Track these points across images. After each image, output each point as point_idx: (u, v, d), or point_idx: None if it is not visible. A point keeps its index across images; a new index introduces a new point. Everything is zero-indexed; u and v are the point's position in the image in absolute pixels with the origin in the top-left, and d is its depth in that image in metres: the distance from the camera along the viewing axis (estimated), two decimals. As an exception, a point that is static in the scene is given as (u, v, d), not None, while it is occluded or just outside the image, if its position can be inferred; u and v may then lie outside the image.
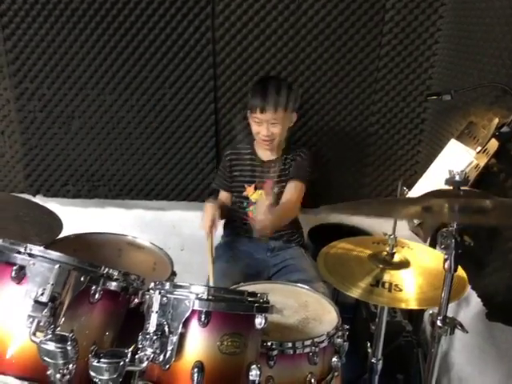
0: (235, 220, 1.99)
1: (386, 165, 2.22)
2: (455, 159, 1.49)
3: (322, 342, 1.21)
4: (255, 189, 1.90)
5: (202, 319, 0.93)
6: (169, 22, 2.02)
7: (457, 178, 0.81)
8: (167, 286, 0.97)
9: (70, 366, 0.88)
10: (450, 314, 1.73)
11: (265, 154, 1.91)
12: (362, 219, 2.23)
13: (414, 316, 1.89)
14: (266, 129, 1.78)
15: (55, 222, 1.53)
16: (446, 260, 0.91)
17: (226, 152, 1.98)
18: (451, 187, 0.83)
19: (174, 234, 2.38)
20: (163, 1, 1.98)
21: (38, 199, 2.26)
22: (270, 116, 1.75)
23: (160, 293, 0.94)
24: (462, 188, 0.85)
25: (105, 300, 1.04)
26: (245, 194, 1.92)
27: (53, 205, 2.21)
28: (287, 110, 1.78)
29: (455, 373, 1.78)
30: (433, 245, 1.48)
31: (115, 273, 1.05)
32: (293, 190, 1.84)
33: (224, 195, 1.99)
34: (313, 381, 1.18)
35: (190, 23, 2.02)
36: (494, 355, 1.52)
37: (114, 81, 2.11)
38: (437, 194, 0.92)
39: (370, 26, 2.02)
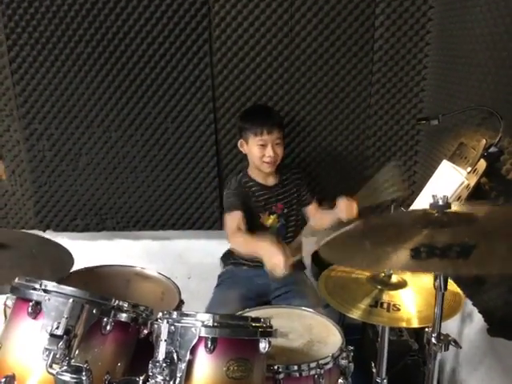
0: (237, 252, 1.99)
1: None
2: (447, 179, 1.55)
3: (327, 363, 1.24)
4: (269, 215, 1.95)
5: (209, 345, 0.98)
6: (169, 61, 2.12)
7: (440, 202, 0.87)
8: (174, 315, 1.02)
9: (85, 395, 0.93)
10: (453, 330, 1.78)
11: (266, 181, 1.96)
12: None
13: (420, 335, 1.91)
14: (272, 150, 1.82)
15: (67, 257, 1.59)
16: (435, 279, 0.96)
17: (232, 187, 1.93)
18: (435, 211, 0.89)
19: (181, 263, 2.43)
20: (163, 42, 2.09)
21: (48, 234, 2.33)
22: (275, 135, 1.82)
23: (168, 322, 1.00)
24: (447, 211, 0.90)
25: (116, 331, 1.09)
26: (260, 221, 1.94)
27: (63, 239, 2.26)
28: (283, 132, 1.91)
29: (464, 390, 1.80)
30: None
31: (125, 304, 1.11)
32: (316, 206, 2.01)
33: (240, 215, 1.83)
34: (319, 402, 1.21)
35: (190, 61, 2.12)
36: (499, 371, 1.54)
37: (119, 118, 2.21)
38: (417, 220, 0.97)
39: (361, 55, 2.11)
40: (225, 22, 2.08)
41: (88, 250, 2.28)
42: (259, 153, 1.85)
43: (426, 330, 1.02)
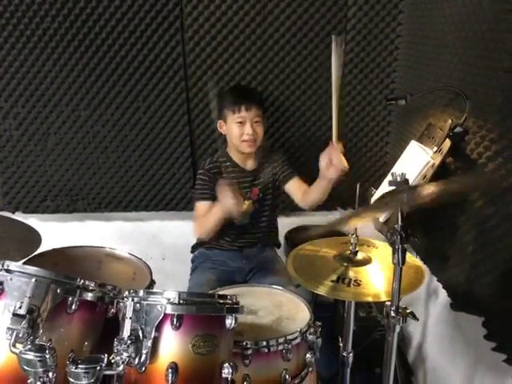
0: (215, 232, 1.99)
1: (356, 166, 2.30)
2: (415, 159, 1.58)
3: (295, 338, 1.27)
4: (244, 199, 1.85)
5: (174, 322, 0.98)
6: (139, 38, 2.07)
7: (398, 179, 0.88)
8: (141, 293, 1.02)
9: (50, 374, 0.92)
10: (420, 306, 1.83)
11: (246, 164, 1.92)
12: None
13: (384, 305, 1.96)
14: (251, 127, 1.78)
15: (34, 237, 1.56)
16: (393, 254, 0.98)
17: (206, 165, 1.89)
18: (395, 187, 0.91)
19: (155, 244, 2.42)
20: (132, 17, 2.04)
21: (18, 216, 2.28)
22: (254, 113, 1.78)
23: (133, 300, 1.00)
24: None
25: (82, 310, 1.08)
26: None
27: (32, 221, 2.25)
28: (263, 112, 1.86)
29: (429, 363, 1.87)
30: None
31: (91, 284, 1.10)
32: (302, 182, 1.90)
33: (210, 206, 1.81)
34: (287, 377, 1.24)
35: (160, 38, 2.08)
36: (462, 343, 1.61)
37: (88, 96, 2.16)
38: (383, 197, 0.99)
39: (334, 34, 2.09)
40: (196, -3, 2.04)
41: (59, 232, 2.25)
42: (238, 131, 1.80)
43: (386, 303, 1.05)
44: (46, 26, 2.04)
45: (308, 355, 1.32)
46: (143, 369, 0.98)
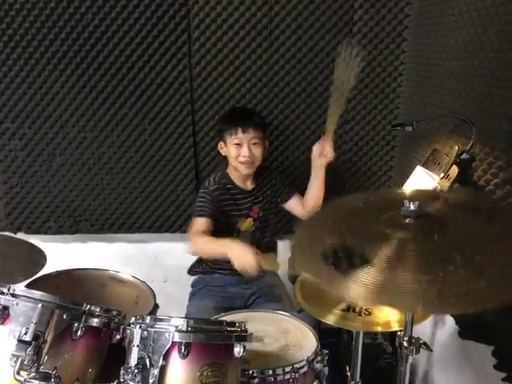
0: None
1: (360, 190, 2.31)
2: (420, 185, 1.58)
3: (302, 367, 1.25)
4: (246, 219, 1.91)
5: (182, 351, 0.97)
6: (147, 62, 2.10)
7: (411, 207, 0.88)
8: (147, 319, 1.01)
9: (54, 403, 0.90)
10: (426, 333, 1.80)
11: (245, 184, 1.92)
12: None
13: (394, 338, 1.94)
14: (248, 149, 1.78)
15: (39, 257, 1.55)
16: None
17: (210, 187, 1.87)
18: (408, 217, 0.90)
19: (157, 266, 2.40)
20: (141, 42, 2.07)
21: (20, 236, 2.26)
22: (251, 135, 1.78)
23: (140, 327, 0.98)
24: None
25: (87, 337, 1.07)
26: (237, 226, 1.90)
27: (34, 241, 2.21)
28: (263, 133, 1.86)
29: (436, 392, 1.83)
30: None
31: (97, 309, 1.09)
32: (301, 201, 1.97)
33: (208, 223, 1.81)
34: (294, 406, 1.21)
35: (168, 62, 2.10)
36: (471, 373, 1.58)
37: (95, 118, 2.17)
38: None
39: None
40: (204, 23, 2.07)
41: (61, 253, 2.21)
42: (235, 152, 1.80)
43: (398, 333, 1.03)
44: (55, 49, 2.07)
45: (315, 384, 1.30)
46: (149, 399, 0.95)
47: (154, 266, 2.38)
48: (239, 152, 1.80)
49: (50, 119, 2.17)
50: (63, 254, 2.25)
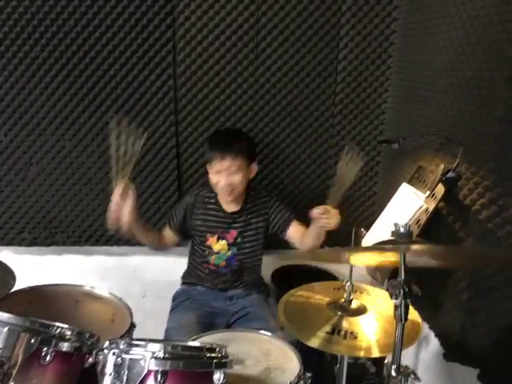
0: (195, 267, 1.96)
1: (344, 206, 2.28)
2: (407, 203, 1.56)
3: (285, 391, 1.19)
4: (218, 239, 1.86)
5: (159, 379, 0.91)
6: (130, 70, 2.05)
7: (402, 230, 0.85)
8: (122, 344, 0.95)
9: None
10: (410, 354, 1.77)
11: (228, 205, 1.86)
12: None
13: (378, 358, 1.90)
14: (225, 178, 1.73)
15: (8, 275, 1.48)
16: (396, 309, 0.94)
17: (189, 199, 1.89)
18: (397, 239, 0.88)
19: (136, 280, 2.32)
20: (124, 50, 2.02)
21: (-8, 248, 2.17)
22: (228, 164, 1.71)
23: (114, 353, 0.92)
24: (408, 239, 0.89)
25: (57, 362, 1.00)
26: (207, 243, 1.88)
27: (7, 253, 2.15)
28: (246, 159, 1.74)
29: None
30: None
31: (68, 332, 1.02)
32: (300, 228, 1.84)
33: (169, 233, 1.90)
34: (276, 433, 1.16)
35: (152, 71, 2.06)
36: (455, 395, 1.55)
37: (74, 127, 2.11)
38: (383, 244, 0.96)
39: (325, 75, 2.12)
40: (189, 33, 2.04)
41: (35, 266, 2.14)
42: (215, 180, 1.76)
43: (386, 361, 1.00)
44: (34, 55, 2.00)
45: (296, 409, 1.25)
46: (122, 431, 0.89)
47: (132, 280, 2.29)
48: (218, 179, 1.75)
49: (27, 127, 2.09)
50: (37, 266, 2.16)
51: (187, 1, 2.00)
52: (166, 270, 2.22)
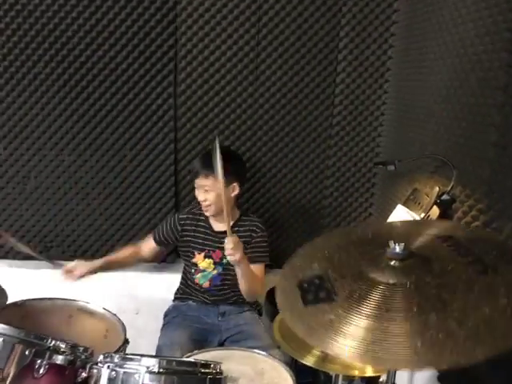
0: (186, 283, 1.97)
1: (341, 226, 2.30)
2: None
3: (278, 412, 1.19)
4: (204, 257, 1.89)
5: (153, 394, 0.90)
6: (132, 88, 2.08)
7: (397, 249, 0.87)
8: (116, 358, 0.95)
9: None
10: (404, 377, 1.76)
11: (216, 224, 1.90)
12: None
13: (372, 379, 1.89)
14: (201, 193, 1.83)
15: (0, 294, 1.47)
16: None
17: (181, 215, 1.96)
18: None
19: (129, 297, 2.31)
20: (127, 68, 2.06)
21: (-14, 261, 2.16)
22: (202, 182, 1.81)
23: (109, 367, 0.92)
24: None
25: (50, 374, 0.99)
26: (194, 260, 1.91)
27: (1, 266, 2.14)
28: (221, 180, 1.64)
29: None
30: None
31: (62, 345, 1.02)
32: (260, 272, 1.86)
33: (153, 245, 2.00)
34: None
35: (153, 90, 2.09)
36: (449, 419, 1.53)
37: (74, 142, 2.13)
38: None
39: (323, 98, 2.17)
40: (191, 54, 2.09)
41: (29, 280, 2.13)
42: (195, 192, 1.88)
43: (381, 379, 1.00)
44: (37, 70, 2.04)
45: (290, 430, 1.24)
46: None
47: (125, 296, 2.28)
48: (196, 194, 1.88)
49: (27, 141, 2.11)
50: (31, 280, 2.15)
51: (190, 10, 2.04)
52: (160, 286, 2.22)
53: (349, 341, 0.75)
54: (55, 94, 2.06)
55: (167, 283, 2.14)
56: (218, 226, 1.90)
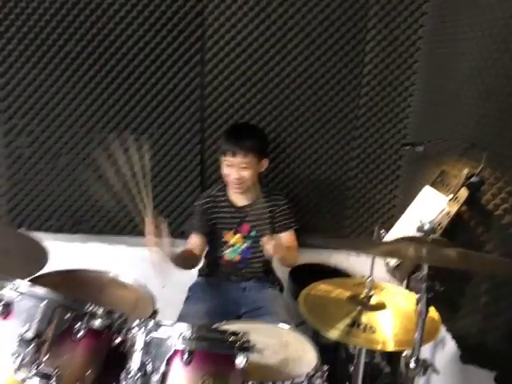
0: (211, 261, 2.02)
1: (365, 207, 2.31)
2: (428, 205, 1.58)
3: (302, 382, 1.23)
4: (234, 234, 1.94)
5: (185, 358, 0.95)
6: (159, 67, 2.11)
7: (426, 226, 0.88)
8: (151, 324, 0.99)
9: (52, 404, 0.88)
10: (426, 355, 1.78)
11: (238, 199, 1.95)
12: (342, 260, 2.28)
13: (392, 358, 1.92)
14: (236, 172, 1.83)
15: (40, 255, 1.53)
16: (417, 303, 0.96)
17: (201, 201, 1.98)
18: (421, 235, 0.90)
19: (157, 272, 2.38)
20: (155, 47, 2.08)
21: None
22: (240, 160, 1.81)
23: (144, 331, 0.96)
24: (431, 236, 0.91)
25: (87, 338, 1.05)
26: (224, 239, 1.95)
27: (35, 239, 2.22)
28: (257, 156, 1.84)
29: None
30: (408, 286, 1.53)
31: (99, 310, 1.07)
32: (292, 238, 1.95)
33: (196, 239, 1.93)
34: (292, 421, 1.19)
35: (180, 69, 2.11)
36: (469, 398, 1.55)
37: (104, 120, 2.17)
38: (407, 239, 0.99)
39: (350, 78, 2.15)
40: (218, 33, 2.09)
41: (60, 252, 2.18)
42: (225, 171, 1.87)
43: (405, 354, 1.02)
44: (68, 49, 2.08)
45: (313, 400, 1.27)
46: (149, 405, 0.93)
47: (152, 271, 2.35)
48: (229, 172, 1.86)
49: (59, 118, 2.17)
50: (62, 253, 2.21)
51: (217, 1, 2.05)
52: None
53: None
54: (85, 72, 2.10)
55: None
56: (240, 201, 1.95)
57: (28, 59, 2.09)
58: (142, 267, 2.26)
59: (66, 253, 2.24)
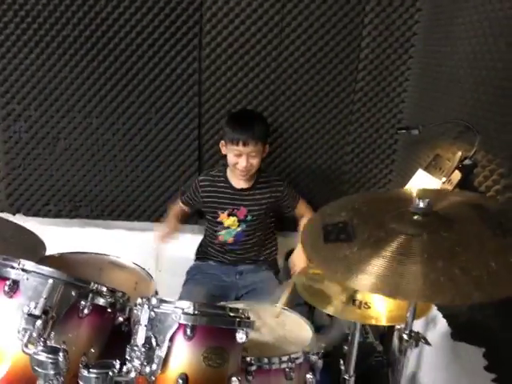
0: (206, 243, 2.06)
1: (360, 192, 2.34)
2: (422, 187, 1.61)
3: (298, 358, 1.27)
4: (228, 215, 1.98)
5: (188, 333, 0.99)
6: (157, 52, 2.11)
7: (421, 205, 0.91)
8: (154, 301, 1.03)
9: (60, 377, 0.92)
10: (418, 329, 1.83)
11: (238, 182, 1.99)
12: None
13: (385, 337, 1.97)
14: (246, 161, 1.85)
15: (38, 244, 1.56)
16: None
17: (200, 177, 2.06)
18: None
19: (154, 256, 2.41)
20: (153, 31, 2.08)
21: (18, 218, 2.27)
22: (251, 148, 1.84)
23: (148, 307, 1.00)
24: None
25: (93, 315, 1.08)
26: (219, 219, 1.99)
27: (33, 224, 2.21)
28: (264, 142, 1.91)
29: (424, 393, 1.86)
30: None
31: (103, 289, 1.10)
32: (305, 204, 2.10)
33: (181, 207, 2.14)
34: (289, 396, 1.23)
35: (178, 53, 2.12)
36: (459, 373, 1.61)
37: (102, 104, 2.18)
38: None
39: (347, 62, 2.16)
40: (216, 17, 2.09)
41: (59, 237, 2.21)
42: (233, 160, 1.88)
43: (398, 326, 1.06)
44: (66, 33, 2.07)
45: (308, 376, 1.32)
46: (153, 378, 0.97)
47: (150, 254, 2.38)
48: (237, 161, 1.88)
49: (57, 103, 2.17)
50: (61, 237, 2.24)
51: None
52: (183, 246, 2.30)
53: (360, 275, 0.83)
54: (83, 56, 2.10)
55: (189, 243, 2.23)
56: (239, 183, 1.98)
57: (25, 44, 2.08)
58: (140, 251, 2.31)
59: (64, 238, 2.28)
